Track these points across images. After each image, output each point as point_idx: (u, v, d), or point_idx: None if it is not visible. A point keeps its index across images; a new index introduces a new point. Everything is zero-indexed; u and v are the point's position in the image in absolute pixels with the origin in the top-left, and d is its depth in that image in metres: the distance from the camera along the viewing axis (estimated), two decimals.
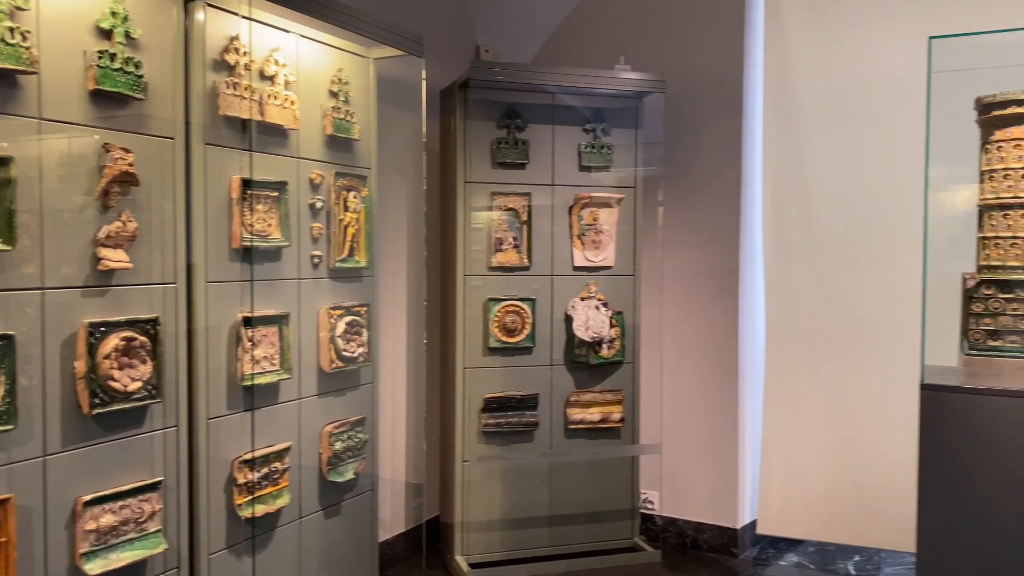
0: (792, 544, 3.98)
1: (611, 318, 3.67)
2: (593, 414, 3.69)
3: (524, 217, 3.59)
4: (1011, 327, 2.67)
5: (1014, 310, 2.66)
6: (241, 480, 2.51)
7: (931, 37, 2.65)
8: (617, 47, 3.86)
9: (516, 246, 3.59)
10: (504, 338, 3.56)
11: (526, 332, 3.59)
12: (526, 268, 3.61)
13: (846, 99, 3.67)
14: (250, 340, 2.52)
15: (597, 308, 3.65)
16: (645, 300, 3.79)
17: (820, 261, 3.75)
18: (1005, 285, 2.68)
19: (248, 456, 2.52)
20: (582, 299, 3.65)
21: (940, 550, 2.65)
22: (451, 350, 3.59)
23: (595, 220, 3.70)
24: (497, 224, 3.56)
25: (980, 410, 2.56)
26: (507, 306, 3.56)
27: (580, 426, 3.67)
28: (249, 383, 2.53)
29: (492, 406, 3.55)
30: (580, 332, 3.61)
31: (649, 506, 3.99)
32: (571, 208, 3.66)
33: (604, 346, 3.67)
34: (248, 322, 2.51)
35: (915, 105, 2.91)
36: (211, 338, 2.41)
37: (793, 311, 3.82)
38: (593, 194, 3.66)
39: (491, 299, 3.55)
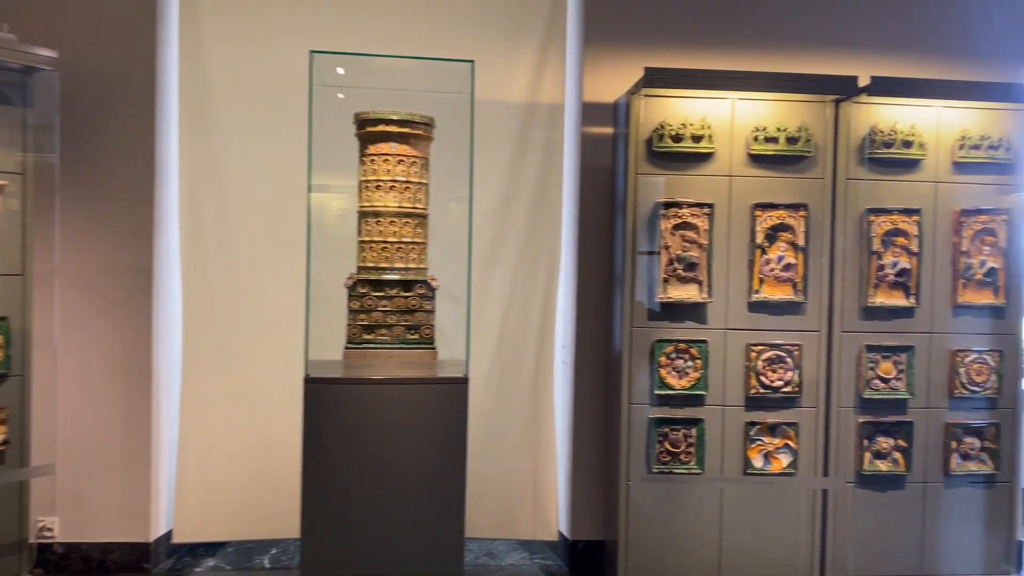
0: (211, 549, 3.92)
1: None
2: None
3: None
4: (382, 322, 3.01)
5: (384, 307, 3.00)
6: None
7: (312, 51, 2.84)
8: (3, 13, 3.34)
9: None
10: None
11: None
12: None
13: (257, 107, 3.76)
14: None
15: None
16: (38, 304, 3.36)
17: (235, 261, 3.78)
18: (377, 284, 3.01)
19: None
20: None
21: (323, 531, 2.85)
22: None
23: None
24: None
25: (354, 398, 2.83)
26: None
27: None
28: None
29: None
30: None
31: (47, 534, 3.55)
32: None
33: None
34: None
35: (316, 116, 3.08)
36: None
37: (210, 311, 3.78)
38: None
39: None
